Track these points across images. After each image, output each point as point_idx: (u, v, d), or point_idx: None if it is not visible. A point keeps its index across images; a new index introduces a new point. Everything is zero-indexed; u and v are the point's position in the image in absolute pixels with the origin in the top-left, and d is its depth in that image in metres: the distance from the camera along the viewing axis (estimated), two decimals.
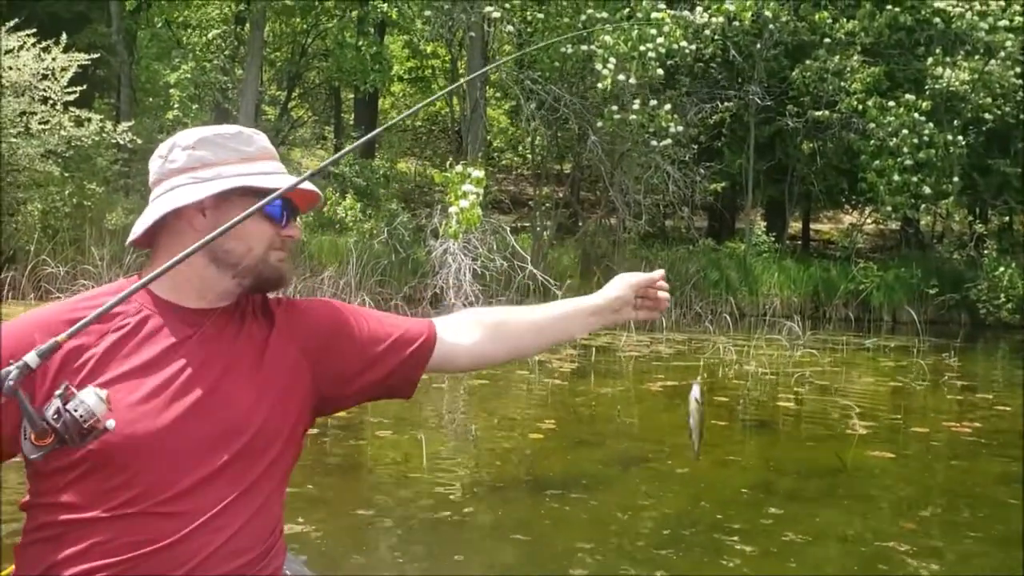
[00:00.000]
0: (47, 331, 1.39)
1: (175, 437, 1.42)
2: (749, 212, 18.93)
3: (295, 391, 1.57)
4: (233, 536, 1.44)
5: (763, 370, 9.36)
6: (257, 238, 1.54)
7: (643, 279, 1.79)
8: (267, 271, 1.56)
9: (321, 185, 16.42)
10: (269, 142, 1.64)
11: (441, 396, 7.27)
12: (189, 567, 1.40)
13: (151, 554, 1.38)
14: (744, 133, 17.51)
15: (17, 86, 12.17)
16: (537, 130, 16.06)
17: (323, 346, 1.61)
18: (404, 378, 1.69)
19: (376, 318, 1.70)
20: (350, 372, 1.63)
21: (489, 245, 13.67)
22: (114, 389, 1.40)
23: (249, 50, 17.54)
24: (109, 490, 1.39)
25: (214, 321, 1.54)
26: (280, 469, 1.56)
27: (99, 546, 1.38)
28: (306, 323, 1.62)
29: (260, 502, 1.50)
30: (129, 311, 1.50)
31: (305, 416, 1.62)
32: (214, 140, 1.56)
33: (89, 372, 1.42)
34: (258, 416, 1.49)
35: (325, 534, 3.93)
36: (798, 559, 3.93)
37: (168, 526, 1.40)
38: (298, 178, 1.54)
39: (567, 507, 4.46)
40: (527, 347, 1.83)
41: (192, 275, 1.53)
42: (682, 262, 16.06)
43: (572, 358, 9.69)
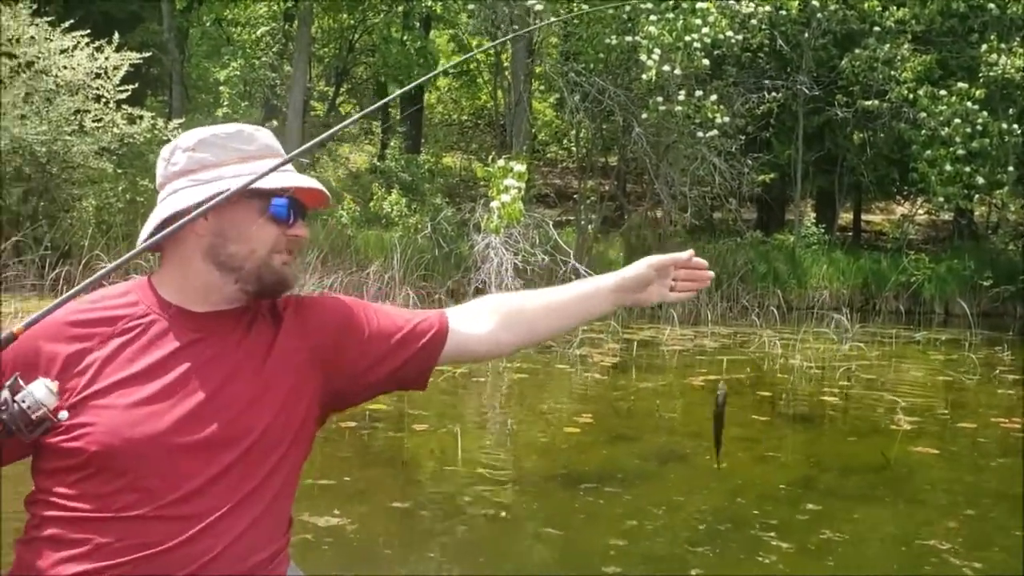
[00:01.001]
0: (49, 336, 1.43)
1: (179, 440, 1.42)
2: (798, 203, 18.67)
3: (303, 390, 1.55)
4: (239, 539, 1.43)
5: (809, 364, 9.24)
6: (260, 240, 1.52)
7: (665, 259, 1.72)
8: (268, 275, 1.52)
9: (367, 181, 16.57)
10: (274, 139, 1.61)
11: (480, 390, 7.30)
12: (192, 570, 1.39)
13: (155, 556, 1.38)
14: (792, 123, 17.25)
15: (71, 85, 12.44)
16: (581, 123, 15.99)
17: (333, 343, 1.60)
18: (416, 370, 1.66)
19: (386, 312, 1.68)
20: (361, 368, 1.61)
21: (532, 239, 13.66)
22: (118, 392, 1.42)
23: (297, 46, 17.73)
24: (112, 492, 1.39)
25: (221, 323, 1.53)
26: (287, 470, 1.54)
27: (102, 548, 1.38)
28: (315, 321, 1.60)
29: (267, 504, 1.49)
30: (135, 314, 1.50)
31: (314, 414, 1.60)
32: (213, 141, 1.54)
33: (93, 376, 1.43)
34: (263, 418, 1.48)
35: (361, 526, 3.97)
36: (836, 557, 3.89)
37: (172, 529, 1.39)
38: (304, 177, 1.53)
39: (602, 502, 4.46)
40: (543, 331, 1.78)
41: (197, 279, 1.52)
42: (729, 254, 15.88)
43: (614, 352, 9.66)
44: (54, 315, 1.46)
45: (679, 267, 1.73)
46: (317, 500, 4.21)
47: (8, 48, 12.05)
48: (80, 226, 12.56)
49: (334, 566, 3.51)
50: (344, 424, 5.53)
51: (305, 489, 4.36)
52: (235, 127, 1.57)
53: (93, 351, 1.45)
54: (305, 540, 3.68)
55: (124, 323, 1.49)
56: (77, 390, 1.42)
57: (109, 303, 1.52)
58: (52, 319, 1.46)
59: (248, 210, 1.49)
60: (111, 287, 1.57)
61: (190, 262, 1.51)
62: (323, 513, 4.02)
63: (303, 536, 3.71)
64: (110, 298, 1.53)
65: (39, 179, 12.46)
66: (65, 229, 12.55)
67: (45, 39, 12.30)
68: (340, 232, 14.01)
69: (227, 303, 1.54)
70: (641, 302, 1.76)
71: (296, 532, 3.61)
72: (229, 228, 1.50)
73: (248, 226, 1.49)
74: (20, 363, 1.41)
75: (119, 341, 1.47)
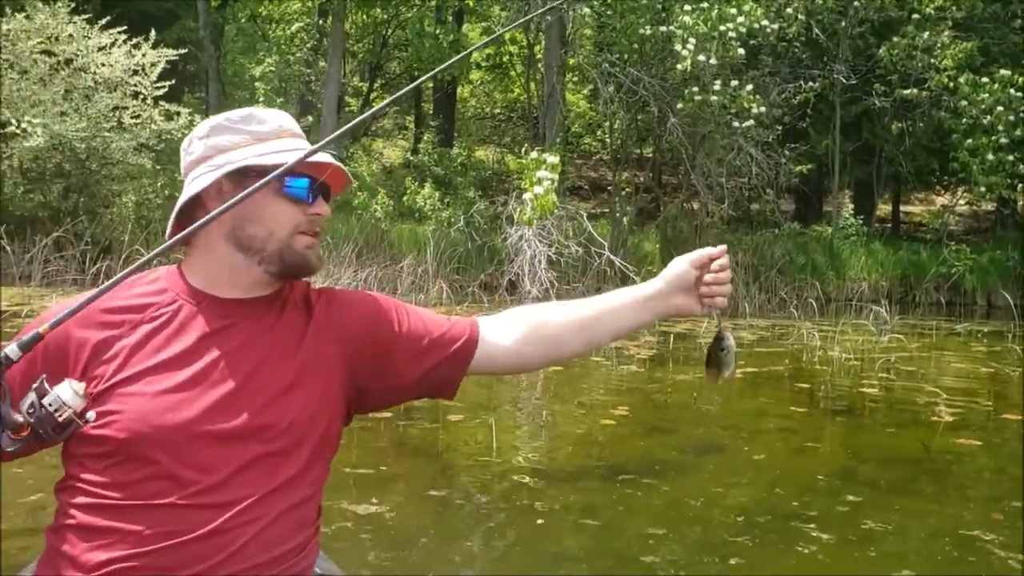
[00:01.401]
0: (79, 323, 1.44)
1: (206, 429, 1.42)
2: (836, 194, 18.46)
3: (331, 384, 1.55)
4: (266, 528, 1.43)
5: (848, 356, 9.13)
6: (279, 221, 1.51)
7: (702, 253, 1.68)
8: (290, 256, 1.51)
9: (400, 175, 16.62)
10: (291, 120, 1.60)
11: (515, 382, 7.29)
12: (219, 559, 1.40)
13: (182, 545, 1.38)
14: (830, 113, 17.05)
15: (110, 82, 12.62)
16: (616, 114, 15.92)
17: (362, 340, 1.58)
18: (446, 378, 1.64)
19: (418, 315, 1.66)
20: (389, 369, 1.60)
21: (566, 231, 13.62)
22: (146, 380, 1.42)
23: (331, 42, 17.84)
24: (139, 480, 1.39)
25: (251, 310, 1.52)
26: (316, 462, 1.54)
27: (129, 535, 1.38)
28: (346, 316, 1.59)
29: (294, 495, 1.48)
30: (163, 302, 1.50)
31: (340, 410, 1.59)
32: (226, 126, 1.54)
33: (121, 363, 1.44)
34: (291, 408, 1.47)
35: (399, 514, 3.98)
36: (879, 548, 3.82)
37: (199, 517, 1.39)
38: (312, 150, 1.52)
39: (639, 493, 4.43)
40: (571, 347, 1.70)
41: (222, 264, 1.52)
42: (767, 246, 15.76)
43: (650, 345, 9.61)
44: (86, 303, 1.47)
45: (708, 265, 1.69)
46: (355, 489, 4.23)
47: (47, 46, 12.23)
48: (120, 221, 12.74)
49: (373, 554, 3.52)
50: (380, 415, 5.55)
51: (343, 477, 4.39)
52: (247, 111, 1.58)
53: (122, 338, 1.46)
54: (345, 528, 3.70)
55: (153, 311, 1.49)
56: (105, 377, 1.43)
57: (139, 291, 1.52)
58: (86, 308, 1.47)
59: (264, 191, 1.47)
60: (141, 275, 1.57)
61: (215, 247, 1.52)
62: (361, 501, 4.03)
63: (343, 524, 3.73)
64: (140, 285, 1.54)
65: (79, 175, 12.64)
66: (105, 224, 12.73)
67: (83, 37, 12.48)
68: (374, 226, 14.08)
69: (256, 288, 1.54)
70: (675, 309, 1.70)
71: (336, 520, 3.65)
72: (248, 210, 1.49)
73: (265, 207, 1.49)
74: (51, 350, 1.43)
75: (148, 328, 1.47)
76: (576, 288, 13.41)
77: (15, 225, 12.26)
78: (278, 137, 1.54)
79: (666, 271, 1.68)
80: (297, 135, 1.58)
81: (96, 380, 1.43)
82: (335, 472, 4.54)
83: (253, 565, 1.41)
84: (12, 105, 11.97)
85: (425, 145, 17.63)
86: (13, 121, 11.77)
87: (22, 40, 12.17)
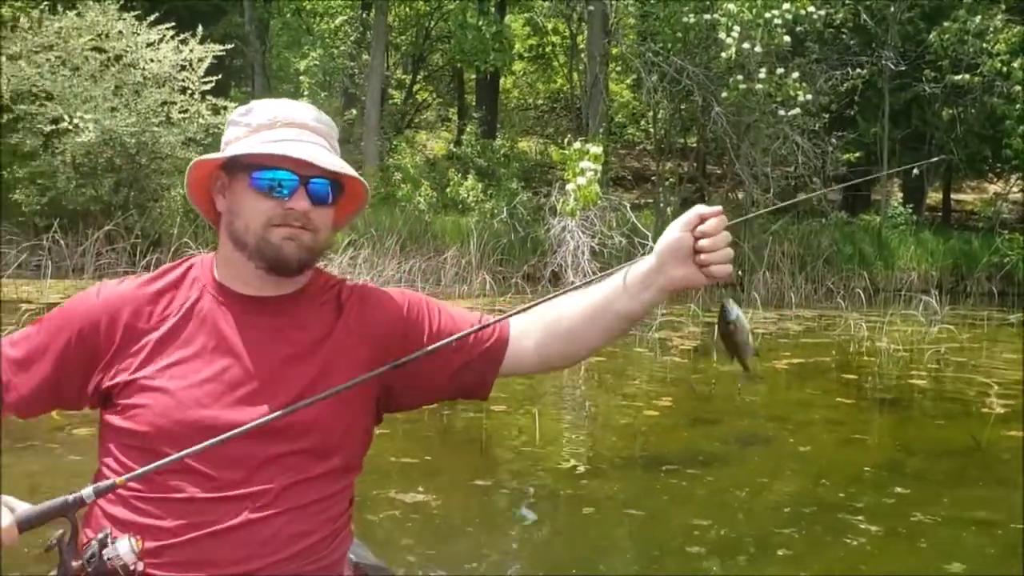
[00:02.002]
0: (134, 303, 1.49)
1: (232, 424, 1.41)
2: (885, 183, 18.17)
3: (358, 384, 1.51)
4: (289, 523, 1.44)
5: (896, 347, 8.99)
6: (252, 214, 1.48)
7: (692, 213, 1.48)
8: (266, 249, 1.47)
9: (444, 167, 16.67)
10: (296, 111, 1.55)
11: (558, 374, 7.28)
12: (243, 553, 1.40)
13: (205, 537, 1.39)
14: (878, 100, 16.77)
15: (158, 77, 12.83)
16: (659, 103, 15.81)
17: (391, 340, 1.56)
18: (477, 378, 1.61)
19: (449, 313, 1.63)
20: (419, 369, 1.56)
21: (609, 222, 13.58)
22: (169, 373, 1.44)
23: (374, 35, 17.94)
24: (163, 473, 1.40)
25: (275, 308, 1.52)
26: (343, 460, 1.53)
27: (153, 527, 1.39)
28: (376, 315, 1.58)
29: (320, 490, 1.48)
30: (193, 296, 1.51)
31: (369, 408, 1.59)
32: (232, 121, 1.56)
33: (148, 356, 1.46)
34: (315, 407, 1.46)
35: (444, 503, 4.02)
36: (929, 540, 3.77)
37: (222, 511, 1.40)
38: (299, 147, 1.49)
39: (684, 483, 4.42)
40: (584, 341, 1.60)
41: (229, 260, 1.53)
42: (814, 236, 15.56)
43: (694, 335, 9.55)
44: (118, 289, 1.52)
45: (703, 225, 1.47)
46: (402, 478, 4.28)
47: (98, 43, 12.46)
48: (169, 215, 12.96)
49: (419, 542, 3.56)
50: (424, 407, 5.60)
51: (389, 466, 4.45)
52: (252, 104, 1.57)
53: (150, 331, 1.48)
54: (392, 516, 3.75)
55: (181, 302, 1.51)
56: (131, 369, 1.45)
57: (171, 279, 1.54)
58: (132, 290, 1.51)
59: (242, 184, 1.49)
60: (174, 264, 1.59)
61: (224, 241, 1.53)
62: (408, 490, 4.08)
63: (390, 512, 3.78)
64: (170, 270, 1.56)
65: (129, 169, 12.88)
66: (155, 218, 12.96)
67: (133, 33, 12.69)
68: (418, 218, 14.16)
69: (268, 287, 1.53)
70: (680, 283, 1.51)
71: (383, 508, 3.70)
72: (233, 203, 1.51)
73: (242, 200, 1.49)
74: (87, 324, 1.47)
75: (175, 321, 1.49)
76: None
77: (68, 219, 12.54)
78: (270, 128, 1.51)
79: (659, 241, 1.51)
80: (294, 124, 1.52)
81: (123, 371, 1.45)
82: (382, 461, 4.60)
83: (278, 560, 1.42)
84: (64, 101, 12.23)
85: (468, 137, 17.67)
86: (66, 117, 12.02)
87: (74, 37, 12.42)
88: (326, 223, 1.53)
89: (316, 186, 1.49)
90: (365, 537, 3.55)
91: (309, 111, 1.56)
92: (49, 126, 12.25)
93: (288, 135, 1.50)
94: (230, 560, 1.40)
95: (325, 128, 1.56)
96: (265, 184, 1.46)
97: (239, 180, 1.49)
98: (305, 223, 1.48)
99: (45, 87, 12.26)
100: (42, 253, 11.72)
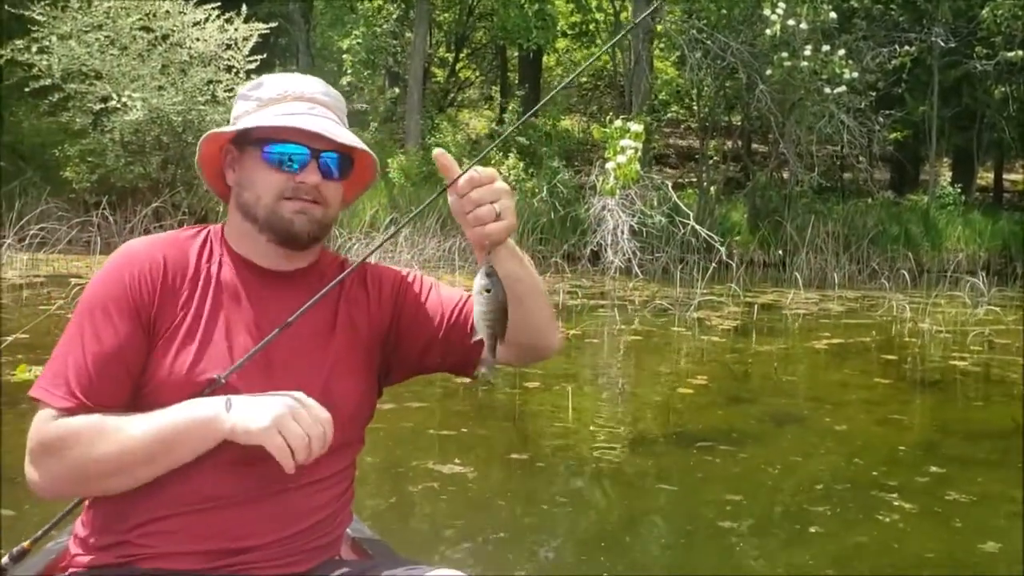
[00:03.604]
0: (177, 247, 1.51)
1: (246, 394, 1.40)
2: (933, 162, 17.84)
3: (363, 359, 1.55)
4: (307, 496, 1.45)
5: (939, 328, 8.89)
6: (263, 187, 1.48)
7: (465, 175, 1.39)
8: (276, 222, 1.48)
9: (485, 146, 16.67)
10: (306, 84, 1.54)
11: (595, 350, 7.34)
12: (261, 525, 1.41)
13: (222, 509, 1.40)
14: (927, 78, 16.43)
15: (204, 56, 12.98)
16: (703, 81, 15.66)
17: (390, 314, 1.58)
18: (463, 357, 1.58)
19: (439, 292, 1.63)
20: (411, 345, 1.59)
21: (649, 202, 13.52)
22: (186, 349, 1.43)
23: (417, 13, 17.93)
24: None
25: (288, 282, 1.53)
26: (348, 434, 1.52)
27: (171, 498, 1.39)
28: (376, 289, 1.59)
29: (327, 468, 1.48)
30: (212, 267, 1.51)
31: (373, 383, 1.60)
32: (241, 95, 1.56)
33: (172, 324, 1.45)
34: (328, 377, 1.48)
35: (480, 475, 4.09)
36: (964, 519, 3.77)
37: (241, 484, 1.40)
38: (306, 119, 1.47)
39: (717, 460, 4.44)
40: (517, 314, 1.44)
41: (241, 232, 1.53)
42: (859, 216, 15.35)
43: (734, 315, 9.51)
44: (171, 237, 1.54)
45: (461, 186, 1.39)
46: (440, 450, 4.38)
47: (146, 22, 12.64)
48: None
49: (456, 514, 3.64)
50: (459, 380, 5.68)
51: (429, 438, 4.56)
52: (261, 78, 1.56)
53: (176, 298, 1.47)
54: (431, 488, 3.83)
55: (202, 272, 1.50)
56: (159, 339, 1.44)
57: (184, 246, 1.53)
58: (172, 239, 1.53)
59: (252, 157, 1.49)
60: (190, 231, 1.57)
61: (234, 212, 1.54)
62: (446, 462, 4.16)
63: (430, 484, 3.87)
64: (186, 240, 1.54)
65: (176, 147, 13.07)
66: (201, 195, 13.15)
67: (179, 12, 12.83)
68: None
69: (281, 261, 1.53)
70: (475, 243, 1.41)
71: (423, 480, 3.78)
72: (243, 176, 1.51)
73: (253, 173, 1.49)
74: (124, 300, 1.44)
75: (198, 292, 1.48)
76: (659, 258, 13.31)
77: (117, 196, 12.80)
78: (280, 102, 1.51)
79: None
80: (303, 98, 1.52)
81: (151, 340, 1.44)
82: (421, 433, 4.68)
83: (290, 534, 1.43)
84: (113, 80, 12.44)
85: (510, 115, 17.63)
86: (114, 96, 12.23)
87: (122, 17, 12.61)
88: (336, 197, 1.53)
89: (327, 159, 1.49)
90: (404, 506, 3.65)
91: (318, 84, 1.56)
92: (98, 105, 12.48)
93: (298, 108, 1.50)
94: (242, 534, 1.40)
95: (333, 102, 1.56)
96: (276, 157, 1.47)
97: (249, 154, 1.49)
98: (315, 196, 1.49)
99: (95, 66, 12.48)
100: (92, 229, 11.99)
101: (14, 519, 3.11)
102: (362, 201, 13.70)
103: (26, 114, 13.77)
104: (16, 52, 12.09)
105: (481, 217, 1.37)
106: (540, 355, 1.61)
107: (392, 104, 18.11)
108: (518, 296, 1.43)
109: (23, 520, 3.03)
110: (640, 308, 9.55)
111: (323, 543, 1.49)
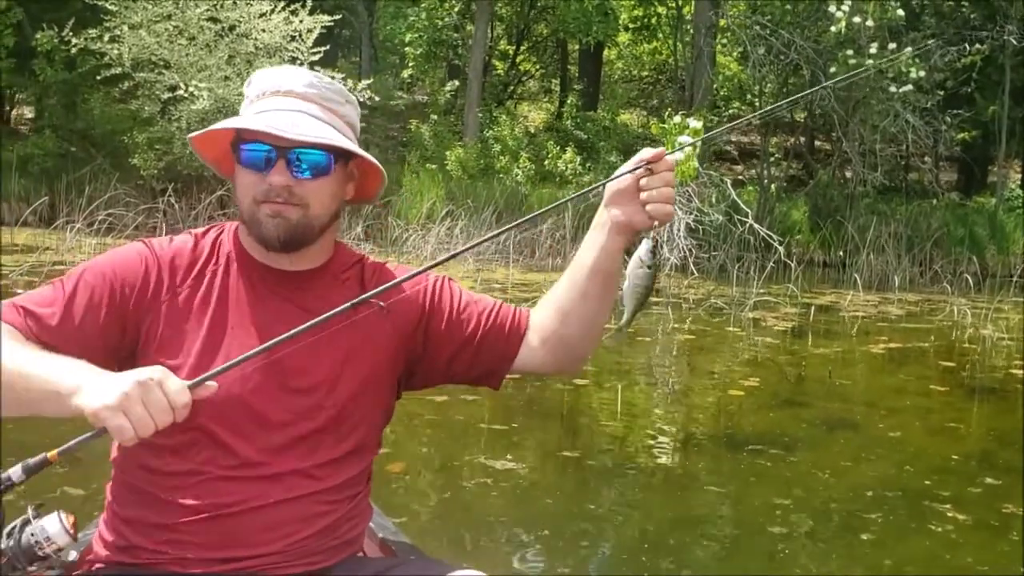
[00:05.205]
0: (188, 247, 1.50)
1: (257, 400, 1.40)
2: (1003, 164, 17.40)
3: (381, 361, 1.51)
4: (316, 502, 1.43)
5: (1001, 335, 8.69)
6: (241, 189, 1.44)
7: (637, 156, 1.49)
8: (254, 227, 1.44)
9: (543, 139, 16.68)
10: (290, 78, 1.47)
11: (647, 349, 7.32)
12: (271, 531, 1.39)
13: (231, 516, 1.38)
14: (999, 77, 16.01)
15: (269, 47, 13.17)
16: (766, 77, 15.46)
17: (413, 319, 1.54)
18: (489, 368, 1.57)
19: (469, 299, 1.59)
20: (435, 351, 1.55)
21: (707, 199, 13.41)
22: (195, 347, 1.42)
23: (479, 5, 17.99)
24: (184, 445, 1.38)
25: (298, 283, 1.49)
26: (363, 436, 1.51)
27: (179, 504, 1.38)
28: (406, 296, 1.54)
29: (340, 470, 1.47)
30: (220, 266, 1.49)
31: (391, 384, 1.56)
32: (245, 92, 1.53)
33: (174, 322, 1.43)
34: (341, 383, 1.46)
35: (530, 472, 4.15)
36: (1021, 532, 3.71)
37: (249, 490, 1.39)
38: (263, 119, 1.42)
39: (768, 464, 4.43)
40: (573, 314, 1.53)
41: (244, 231, 1.50)
42: (923, 217, 15.03)
43: (789, 317, 9.42)
44: (177, 241, 1.51)
45: (648, 169, 1.47)
46: (491, 445, 4.44)
47: (213, 13, 12.87)
48: None
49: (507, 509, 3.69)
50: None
51: (479, 433, 4.62)
52: (255, 74, 1.52)
53: (179, 295, 1.45)
54: (484, 484, 3.89)
55: (211, 270, 1.48)
56: (155, 338, 1.42)
57: (205, 243, 1.53)
58: (177, 245, 1.50)
59: (236, 159, 1.46)
60: (207, 229, 1.56)
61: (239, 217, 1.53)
62: (498, 457, 4.22)
63: (482, 480, 3.93)
64: (205, 238, 1.53)
65: None
66: None
67: (246, 4, 13.03)
68: (515, 190, 14.25)
69: (283, 262, 1.49)
70: (623, 222, 1.49)
71: (475, 475, 3.84)
72: (235, 178, 1.48)
73: (237, 175, 1.46)
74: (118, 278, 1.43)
75: (203, 290, 1.46)
76: (715, 256, 13.21)
77: (183, 183, 13.09)
78: (260, 98, 1.47)
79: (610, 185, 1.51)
80: (279, 93, 1.46)
81: (147, 338, 1.42)
82: (471, 427, 4.76)
83: (301, 539, 1.41)
84: (181, 70, 12.71)
85: (569, 108, 17.62)
86: (182, 85, 12.50)
87: (191, 8, 12.87)
88: (319, 196, 1.44)
89: (297, 157, 1.40)
90: (456, 501, 3.72)
91: (301, 77, 1.47)
92: (166, 93, 12.76)
93: (272, 104, 1.44)
94: (251, 541, 1.38)
95: (317, 92, 1.47)
96: (246, 157, 1.42)
97: (236, 155, 1.45)
98: (287, 198, 1.41)
99: (163, 56, 12.76)
100: (158, 215, 12.30)
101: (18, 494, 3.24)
102: (419, 193, 13.83)
103: (97, 102, 14.15)
104: (89, 41, 12.41)
105: (667, 195, 1.45)
106: (577, 356, 1.61)
107: (452, 96, 18.20)
108: (602, 283, 1.51)
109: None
110: (695, 307, 9.50)
111: (341, 541, 1.48)
